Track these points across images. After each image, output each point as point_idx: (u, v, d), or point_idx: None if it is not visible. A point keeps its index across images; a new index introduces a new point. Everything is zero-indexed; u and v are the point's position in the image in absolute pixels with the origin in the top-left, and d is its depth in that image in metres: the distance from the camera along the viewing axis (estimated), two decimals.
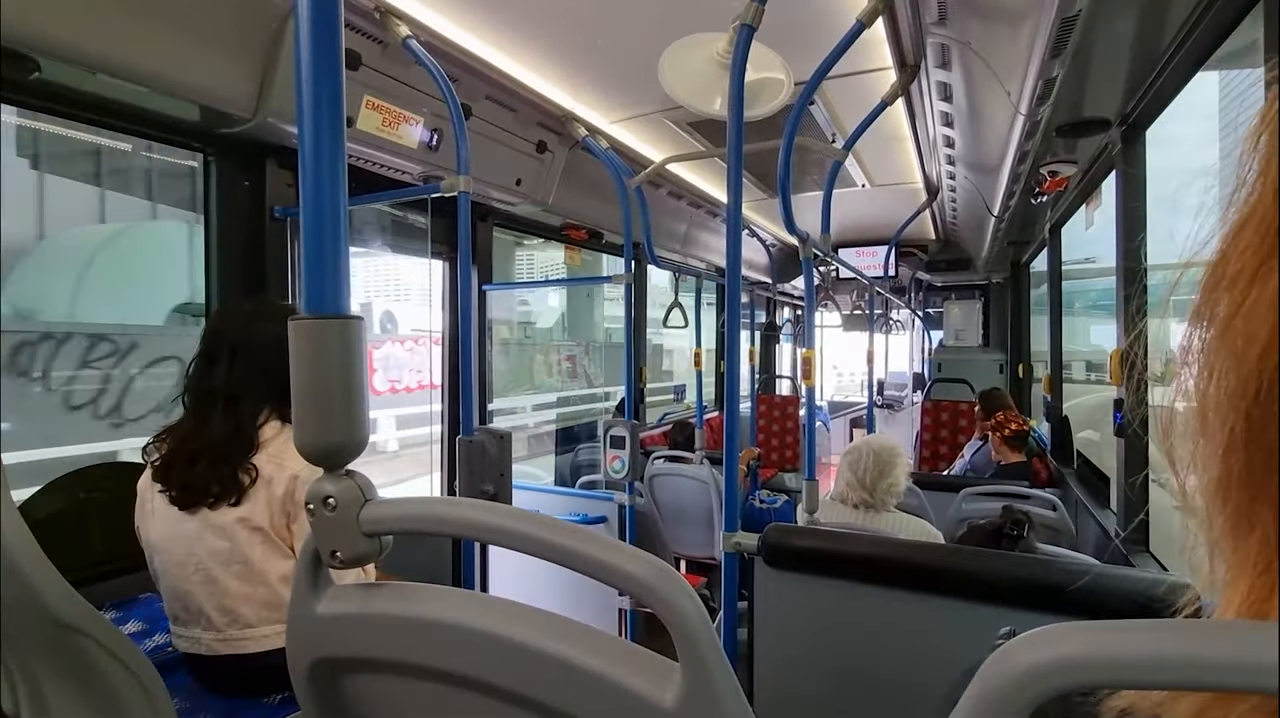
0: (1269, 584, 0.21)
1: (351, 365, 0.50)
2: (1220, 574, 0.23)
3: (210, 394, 1.19)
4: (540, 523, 0.43)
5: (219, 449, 1.15)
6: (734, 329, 1.42)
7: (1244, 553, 0.22)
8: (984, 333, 5.60)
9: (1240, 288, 0.21)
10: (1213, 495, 0.23)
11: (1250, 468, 0.21)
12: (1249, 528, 0.21)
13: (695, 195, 3.48)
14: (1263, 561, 0.21)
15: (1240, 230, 0.21)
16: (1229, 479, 0.22)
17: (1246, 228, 0.21)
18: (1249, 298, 0.20)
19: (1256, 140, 0.21)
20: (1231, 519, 0.22)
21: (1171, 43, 1.44)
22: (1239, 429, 0.21)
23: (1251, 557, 0.22)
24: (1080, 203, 2.68)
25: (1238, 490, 0.22)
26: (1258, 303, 0.20)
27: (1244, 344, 0.20)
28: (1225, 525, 0.22)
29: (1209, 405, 0.22)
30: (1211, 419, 0.22)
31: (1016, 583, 1.10)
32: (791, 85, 1.59)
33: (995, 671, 0.27)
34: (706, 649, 0.39)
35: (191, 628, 1.17)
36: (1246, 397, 0.20)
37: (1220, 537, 0.23)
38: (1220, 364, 0.22)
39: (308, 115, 0.50)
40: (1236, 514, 0.22)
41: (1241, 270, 0.21)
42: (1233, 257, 0.21)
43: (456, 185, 1.61)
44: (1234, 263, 0.21)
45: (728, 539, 1.34)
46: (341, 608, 0.50)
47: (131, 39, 1.30)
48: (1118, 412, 1.97)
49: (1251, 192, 0.21)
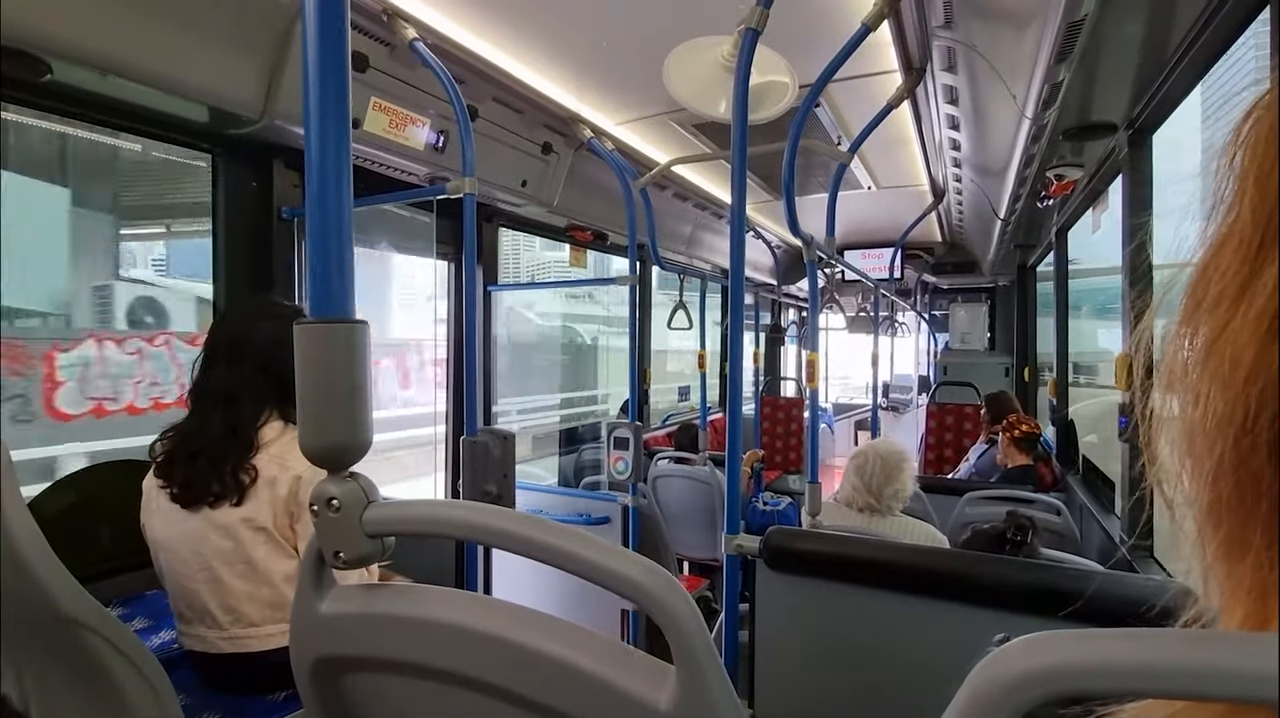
0: (1265, 611, 0.21)
1: (356, 369, 0.51)
2: (1215, 598, 0.23)
3: (210, 394, 1.20)
4: (538, 526, 0.43)
5: (217, 449, 1.16)
6: (737, 331, 1.42)
7: (1238, 578, 0.22)
8: (990, 336, 5.58)
9: (1223, 309, 0.20)
10: (1204, 520, 0.22)
11: (1240, 493, 0.21)
12: (1241, 553, 0.21)
13: (700, 197, 3.48)
14: (1257, 587, 0.21)
15: (1220, 250, 0.21)
16: (1219, 505, 0.21)
17: (1226, 248, 0.21)
18: (1232, 321, 0.20)
19: (1231, 158, 0.21)
20: (1224, 544, 0.22)
21: (1178, 46, 1.44)
22: (1228, 456, 0.21)
23: (1245, 582, 0.21)
24: (1087, 207, 2.67)
25: (1229, 516, 0.21)
26: (1242, 326, 0.20)
27: (1229, 368, 0.20)
28: (1218, 551, 0.22)
29: (1196, 431, 0.22)
30: (1199, 444, 0.22)
31: (1018, 588, 1.10)
32: (796, 88, 1.59)
33: (985, 676, 0.27)
34: (701, 651, 0.39)
35: (196, 626, 1.18)
36: (1234, 422, 0.20)
37: (1214, 562, 0.23)
38: (1205, 389, 0.21)
39: (314, 118, 0.50)
40: (1229, 540, 0.22)
41: (1224, 292, 0.20)
42: (1213, 278, 0.21)
43: (462, 187, 1.62)
44: (1215, 284, 0.21)
45: (729, 542, 1.34)
46: (344, 608, 0.51)
47: (142, 41, 1.31)
48: (1123, 416, 1.97)
49: (1230, 210, 0.21)
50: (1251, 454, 0.20)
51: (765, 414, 4.99)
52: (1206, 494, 0.22)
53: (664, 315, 3.01)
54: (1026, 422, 2.96)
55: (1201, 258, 0.22)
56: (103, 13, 1.25)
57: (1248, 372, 0.19)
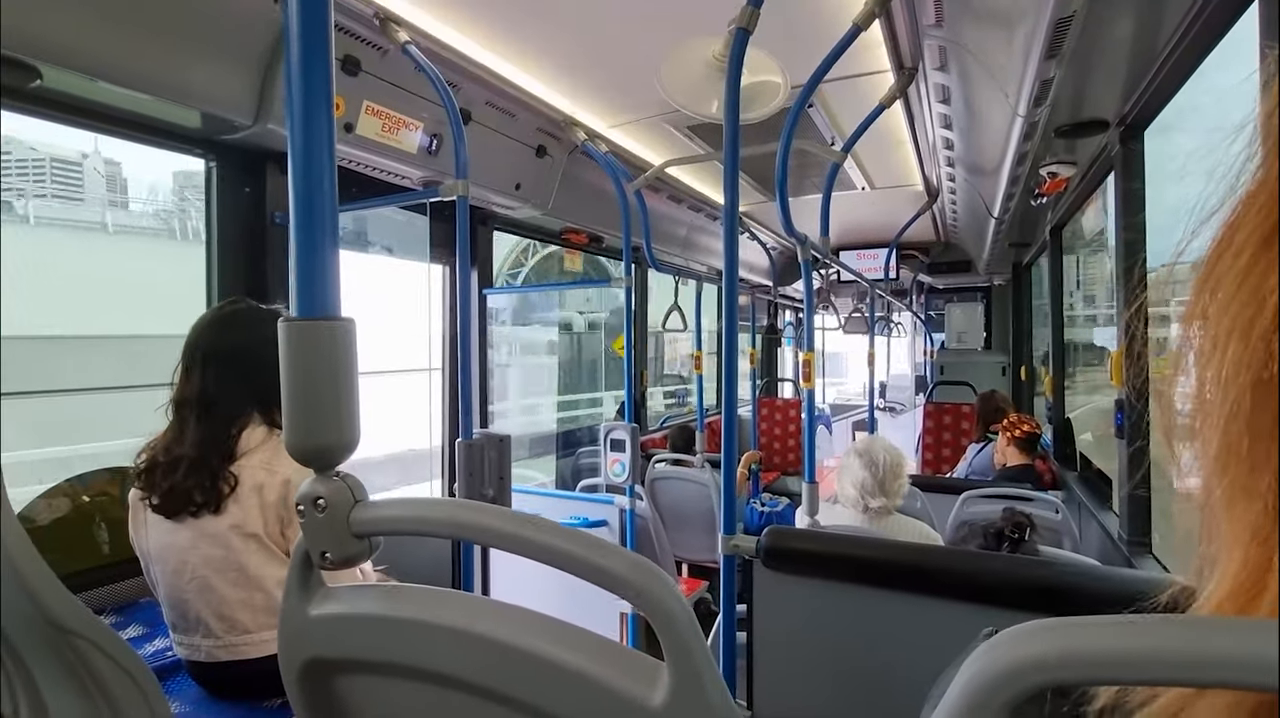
0: (1267, 554, 0.21)
1: (342, 367, 0.50)
2: (1215, 547, 0.23)
3: (186, 403, 1.18)
4: (526, 523, 0.43)
5: (196, 458, 1.14)
6: (732, 332, 1.42)
7: (1242, 523, 0.22)
8: (986, 335, 5.59)
9: (1250, 253, 0.21)
10: (1212, 468, 0.23)
11: (1253, 438, 0.21)
12: (1248, 499, 0.21)
13: (695, 199, 3.49)
14: (1263, 530, 0.21)
15: (1250, 203, 0.21)
16: (1228, 450, 0.22)
17: (1255, 201, 0.21)
18: (1260, 263, 0.20)
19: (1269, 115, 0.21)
20: (1228, 490, 0.22)
21: (1167, 43, 1.44)
22: (1243, 399, 0.21)
23: (1250, 526, 0.21)
24: (1080, 204, 2.68)
25: (1236, 462, 0.21)
26: (1268, 269, 0.20)
27: (1252, 314, 0.20)
28: (1223, 497, 0.22)
29: (1211, 375, 0.22)
30: (1212, 389, 0.22)
31: (1016, 585, 1.10)
32: (788, 88, 1.59)
33: (976, 670, 0.27)
34: (693, 649, 0.39)
35: (191, 635, 1.17)
36: (1252, 366, 0.20)
37: (1218, 507, 0.23)
38: (1225, 334, 0.21)
39: (297, 115, 0.50)
40: (1234, 486, 0.22)
41: (1249, 239, 0.21)
42: (1240, 227, 0.21)
43: (455, 190, 1.62)
44: (1241, 232, 0.21)
45: (726, 542, 1.33)
46: (332, 609, 0.50)
47: (132, 46, 1.31)
48: (1119, 413, 1.97)
49: (1260, 168, 0.21)
50: (1268, 398, 0.20)
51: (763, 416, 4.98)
52: (1217, 439, 0.22)
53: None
54: (1027, 422, 2.96)
55: (1229, 213, 0.22)
56: (92, 18, 1.25)
57: (1271, 319, 0.20)
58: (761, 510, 2.91)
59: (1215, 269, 0.22)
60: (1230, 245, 0.21)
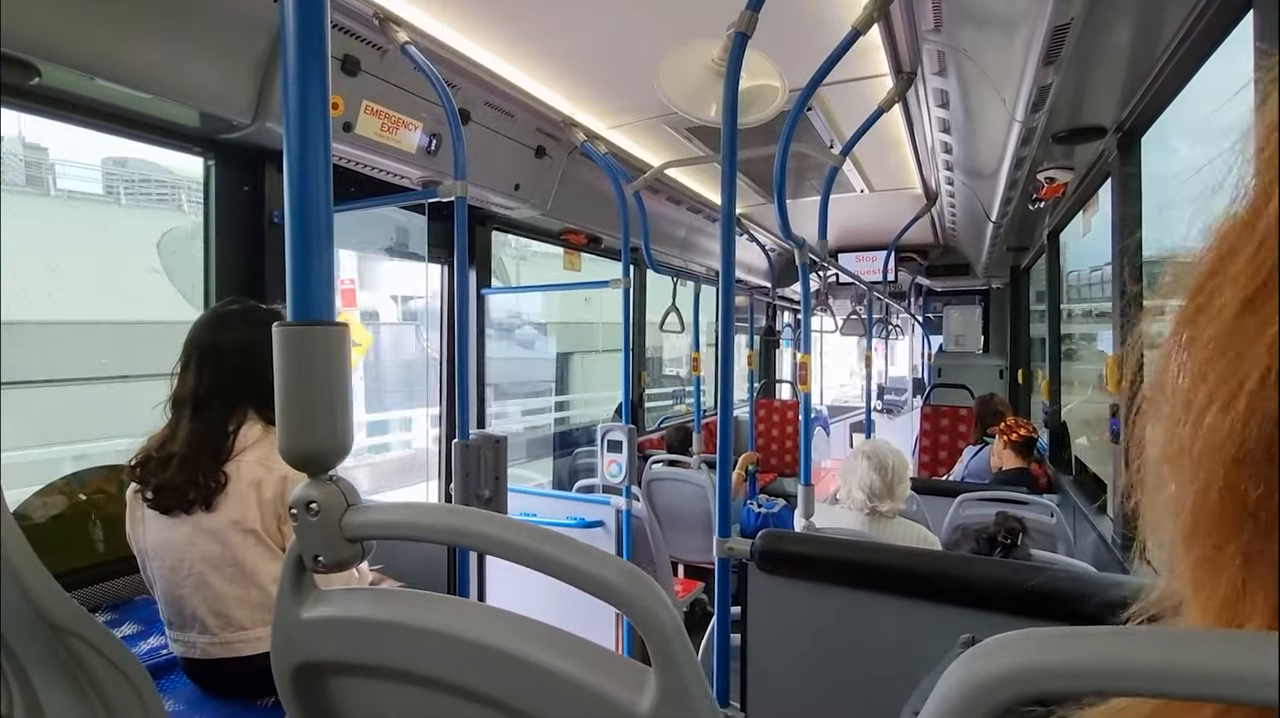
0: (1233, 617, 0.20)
1: (335, 372, 0.50)
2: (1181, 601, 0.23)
3: (183, 400, 1.19)
4: (516, 529, 0.43)
5: (190, 454, 1.15)
6: (728, 333, 1.42)
7: (1209, 595, 0.21)
8: (984, 338, 5.59)
9: (1229, 317, 0.18)
10: (1178, 542, 0.21)
11: (1223, 519, 0.19)
12: (1215, 573, 0.20)
13: (694, 200, 3.49)
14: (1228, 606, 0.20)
15: (1232, 254, 0.18)
16: (1197, 530, 0.20)
17: (1239, 254, 0.18)
18: (1240, 331, 0.18)
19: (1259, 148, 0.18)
20: (1198, 565, 0.21)
21: (1165, 49, 1.45)
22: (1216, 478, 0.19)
23: (1217, 598, 0.20)
24: (1078, 209, 2.68)
25: (1205, 540, 0.20)
26: (1255, 337, 0.17)
27: (1234, 387, 0.18)
28: (1191, 573, 0.21)
29: (1183, 448, 0.20)
30: (1185, 464, 0.20)
31: (1008, 590, 1.10)
32: (786, 92, 1.60)
33: (955, 682, 0.27)
34: (679, 654, 0.39)
35: (186, 632, 1.18)
36: (1229, 447, 0.18)
37: (1186, 583, 0.22)
38: (1202, 404, 0.19)
39: (293, 118, 0.50)
40: (1203, 561, 0.20)
41: (1232, 298, 0.18)
42: (1223, 281, 0.18)
43: (454, 190, 1.62)
44: (1225, 287, 0.18)
45: (720, 545, 1.34)
46: (324, 612, 0.51)
47: (131, 44, 1.31)
48: (1114, 418, 1.97)
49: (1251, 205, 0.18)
50: (1240, 482, 0.18)
51: (760, 417, 4.99)
52: (1187, 517, 0.20)
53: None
54: (1024, 425, 2.97)
55: (1209, 254, 0.19)
56: (92, 17, 1.25)
57: (1253, 392, 0.17)
58: (758, 512, 2.91)
59: (1193, 322, 0.19)
60: (1210, 301, 0.19)
